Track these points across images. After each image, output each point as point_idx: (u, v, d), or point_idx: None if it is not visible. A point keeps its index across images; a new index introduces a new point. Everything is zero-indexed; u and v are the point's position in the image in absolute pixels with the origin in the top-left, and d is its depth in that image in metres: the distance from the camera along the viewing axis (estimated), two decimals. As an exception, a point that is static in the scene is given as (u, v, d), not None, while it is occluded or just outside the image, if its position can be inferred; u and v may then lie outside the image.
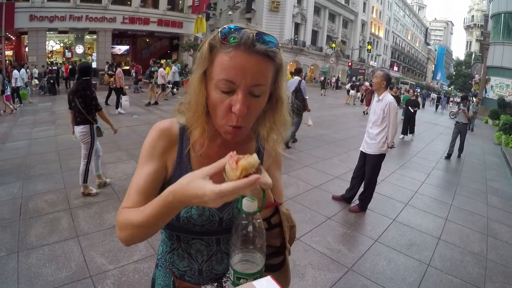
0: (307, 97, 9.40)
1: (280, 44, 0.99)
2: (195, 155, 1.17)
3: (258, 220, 0.92)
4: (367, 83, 26.18)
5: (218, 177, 0.81)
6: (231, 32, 0.93)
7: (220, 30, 0.95)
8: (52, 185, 5.80)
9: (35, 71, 23.21)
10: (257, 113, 1.02)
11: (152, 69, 17.66)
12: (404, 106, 14.48)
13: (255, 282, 0.88)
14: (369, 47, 45.16)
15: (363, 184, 5.64)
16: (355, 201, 5.80)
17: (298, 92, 8.95)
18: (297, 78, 9.25)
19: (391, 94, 5.56)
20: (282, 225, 1.11)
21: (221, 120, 0.99)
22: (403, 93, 29.12)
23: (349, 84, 32.12)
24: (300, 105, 8.80)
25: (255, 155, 0.81)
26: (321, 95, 30.75)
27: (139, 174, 1.11)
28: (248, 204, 0.90)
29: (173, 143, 1.16)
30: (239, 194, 0.79)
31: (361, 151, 5.67)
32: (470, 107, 20.48)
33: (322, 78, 36.12)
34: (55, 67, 22.86)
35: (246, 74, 0.91)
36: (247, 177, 0.77)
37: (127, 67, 31.26)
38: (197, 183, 0.80)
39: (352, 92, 27.60)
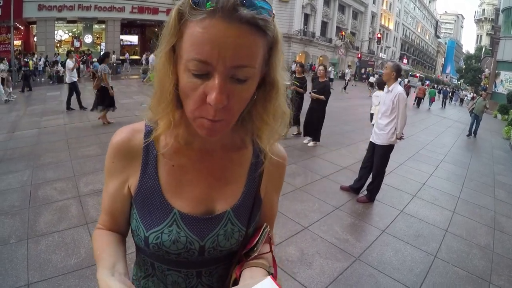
0: None
1: (274, 12, 0.76)
2: (166, 168, 0.94)
3: None
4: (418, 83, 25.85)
5: None
6: None
7: None
8: (62, 173, 5.84)
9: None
10: (242, 104, 0.78)
11: None
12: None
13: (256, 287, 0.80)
14: (379, 35, 44.65)
15: (371, 174, 5.64)
16: (363, 192, 5.80)
17: None
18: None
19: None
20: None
21: (194, 112, 0.76)
22: (426, 88, 28.82)
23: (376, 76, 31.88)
24: None
25: None
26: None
27: (105, 191, 1.00)
28: None
29: (135, 156, 0.94)
30: None
31: (370, 141, 5.66)
32: (473, 101, 17.35)
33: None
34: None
35: (225, 51, 0.68)
36: None
37: (138, 57, 31.44)
38: None
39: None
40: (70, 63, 11.68)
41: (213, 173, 0.96)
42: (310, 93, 8.30)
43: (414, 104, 23.76)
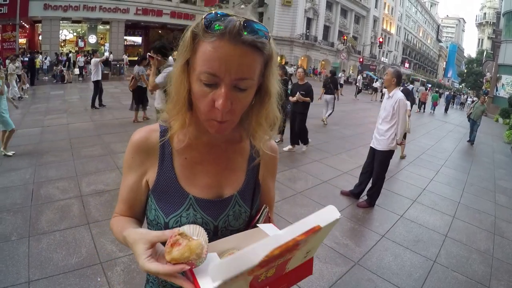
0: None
1: (270, 34, 0.92)
2: (180, 161, 1.09)
3: None
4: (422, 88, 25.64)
5: None
6: (216, 19, 0.84)
7: (204, 16, 0.87)
8: (64, 172, 5.88)
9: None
10: (243, 108, 0.96)
11: None
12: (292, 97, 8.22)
13: (260, 225, 1.03)
14: (381, 39, 44.63)
15: (372, 179, 5.65)
16: (363, 197, 5.82)
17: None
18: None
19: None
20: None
21: (205, 114, 0.93)
22: (428, 92, 28.59)
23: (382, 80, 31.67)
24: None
25: (199, 243, 0.78)
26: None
27: (123, 184, 1.13)
28: None
29: (152, 152, 1.08)
30: (165, 277, 0.79)
31: (370, 147, 5.67)
32: (472, 105, 16.19)
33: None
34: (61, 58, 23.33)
35: (231, 67, 0.84)
36: (177, 263, 0.77)
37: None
38: (137, 247, 0.83)
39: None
40: (95, 61, 12.16)
41: (220, 163, 1.12)
42: (299, 93, 8.08)
43: (419, 110, 23.46)
